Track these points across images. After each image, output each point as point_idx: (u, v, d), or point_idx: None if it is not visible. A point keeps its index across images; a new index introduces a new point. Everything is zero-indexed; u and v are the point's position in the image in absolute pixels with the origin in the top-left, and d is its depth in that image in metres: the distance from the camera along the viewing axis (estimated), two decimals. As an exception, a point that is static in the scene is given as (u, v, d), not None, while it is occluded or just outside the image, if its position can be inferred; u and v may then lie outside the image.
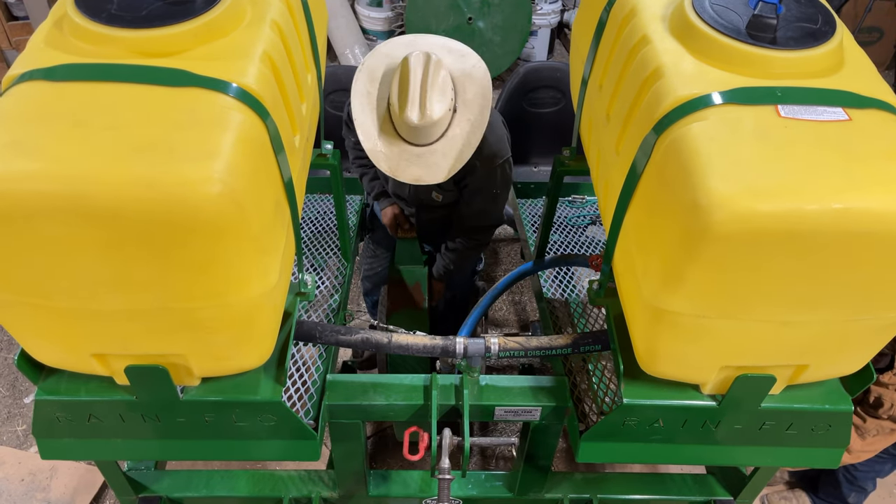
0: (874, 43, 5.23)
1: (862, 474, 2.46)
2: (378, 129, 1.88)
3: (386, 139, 1.88)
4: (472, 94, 1.90)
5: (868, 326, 1.25)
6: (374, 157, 1.88)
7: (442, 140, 1.88)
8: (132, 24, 1.15)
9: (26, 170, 0.98)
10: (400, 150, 1.87)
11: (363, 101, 1.90)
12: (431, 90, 1.79)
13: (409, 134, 1.84)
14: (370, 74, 1.92)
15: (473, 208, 2.19)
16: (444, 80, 1.83)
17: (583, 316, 2.08)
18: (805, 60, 1.21)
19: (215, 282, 1.14)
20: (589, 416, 1.71)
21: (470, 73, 1.92)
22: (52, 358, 1.35)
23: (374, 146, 1.88)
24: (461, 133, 1.88)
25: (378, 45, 1.99)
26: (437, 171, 1.87)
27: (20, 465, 2.74)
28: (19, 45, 4.40)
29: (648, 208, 1.22)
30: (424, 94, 1.78)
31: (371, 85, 1.91)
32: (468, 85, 1.91)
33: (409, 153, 1.87)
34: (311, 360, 1.80)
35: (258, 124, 1.13)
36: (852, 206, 1.01)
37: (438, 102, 1.80)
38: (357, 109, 1.89)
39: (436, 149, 1.87)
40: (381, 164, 1.88)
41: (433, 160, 1.87)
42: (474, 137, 1.88)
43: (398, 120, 1.82)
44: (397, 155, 1.87)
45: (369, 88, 1.90)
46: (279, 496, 2.02)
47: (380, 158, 1.88)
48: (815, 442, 1.56)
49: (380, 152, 1.88)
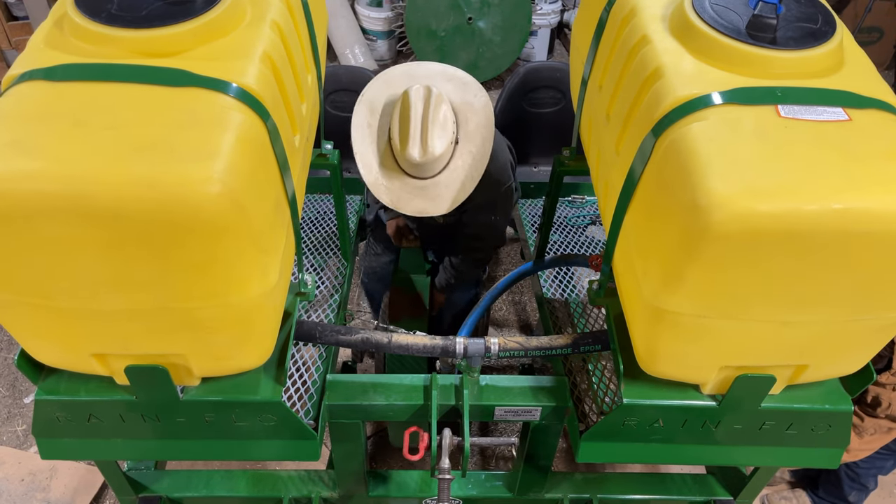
0: (874, 43, 5.23)
1: (863, 471, 2.46)
2: (379, 163, 1.88)
3: (387, 172, 1.87)
4: (474, 124, 1.89)
5: (868, 326, 1.25)
6: (376, 190, 1.87)
7: (444, 172, 1.87)
8: (132, 23, 1.15)
9: (26, 170, 0.98)
10: (402, 182, 1.87)
11: (363, 134, 1.89)
12: (433, 126, 1.78)
13: (411, 168, 1.84)
14: (370, 106, 1.92)
15: (473, 230, 2.22)
16: (444, 114, 1.82)
17: (583, 316, 2.09)
18: (805, 60, 1.21)
19: (215, 282, 1.14)
20: (589, 416, 1.71)
21: (471, 102, 1.91)
22: (52, 358, 1.35)
23: (376, 179, 1.87)
24: (463, 165, 1.87)
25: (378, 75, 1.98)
26: (441, 203, 1.87)
27: (20, 465, 2.74)
28: (19, 45, 4.40)
29: (648, 208, 1.22)
30: (426, 130, 1.77)
31: (371, 117, 1.90)
32: (470, 115, 1.90)
33: (412, 186, 1.87)
34: (311, 360, 1.80)
35: (258, 124, 1.13)
36: (852, 206, 1.01)
37: (439, 139, 1.79)
38: (357, 142, 1.88)
39: (438, 181, 1.87)
40: (382, 197, 1.88)
41: (436, 192, 1.86)
42: (476, 171, 1.87)
43: (399, 155, 1.82)
44: (399, 188, 1.87)
45: (370, 120, 1.90)
46: (279, 496, 2.02)
47: (381, 191, 1.87)
48: (815, 442, 1.56)
49: (381, 185, 1.87)
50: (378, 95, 1.93)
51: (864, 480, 2.50)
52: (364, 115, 1.90)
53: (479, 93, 1.93)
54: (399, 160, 1.85)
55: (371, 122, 1.89)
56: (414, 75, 1.94)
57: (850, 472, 2.49)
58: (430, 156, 1.78)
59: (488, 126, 1.90)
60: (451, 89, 1.91)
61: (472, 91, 1.93)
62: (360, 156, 1.87)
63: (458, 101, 1.90)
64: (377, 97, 1.92)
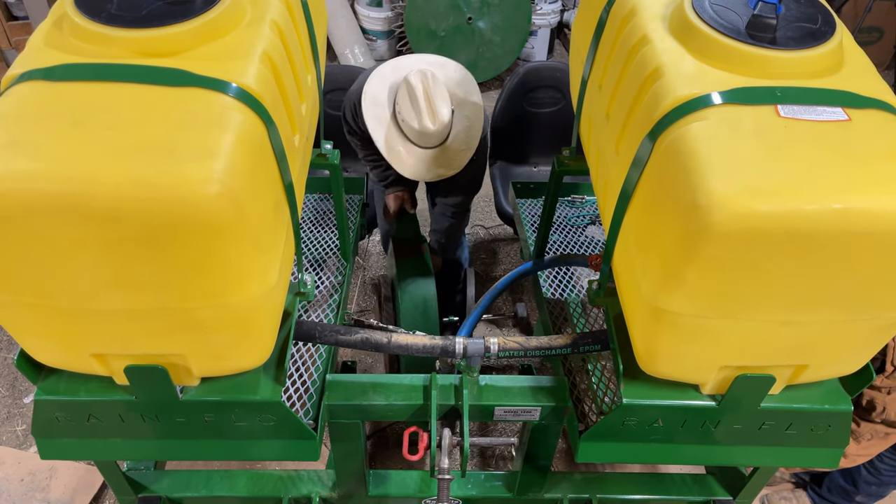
0: (874, 43, 5.23)
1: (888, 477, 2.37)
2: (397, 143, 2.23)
3: (405, 149, 2.23)
4: (462, 93, 2.27)
5: (868, 326, 1.25)
6: (401, 168, 2.24)
7: (449, 138, 2.24)
8: (132, 23, 1.15)
9: (26, 170, 0.98)
10: (417, 156, 2.24)
11: (376, 125, 2.22)
12: (436, 99, 2.14)
13: (425, 140, 2.19)
14: (374, 100, 2.23)
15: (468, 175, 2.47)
16: (442, 88, 2.17)
17: (582, 316, 2.09)
18: (805, 60, 1.21)
19: (214, 282, 1.13)
20: (588, 415, 1.71)
21: (452, 77, 2.27)
22: (52, 358, 1.35)
23: (399, 158, 2.23)
24: (463, 128, 2.25)
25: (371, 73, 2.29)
26: (453, 164, 2.26)
27: (20, 465, 2.73)
28: (19, 45, 4.40)
29: (648, 208, 1.22)
30: (431, 103, 2.13)
31: (378, 109, 2.23)
32: (455, 88, 2.26)
33: (427, 156, 2.24)
34: (310, 359, 1.80)
35: (258, 124, 1.13)
36: (852, 206, 1.01)
37: (444, 107, 2.15)
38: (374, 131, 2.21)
39: (447, 147, 2.24)
40: (405, 172, 2.25)
41: (447, 157, 2.24)
42: (475, 131, 2.25)
43: (414, 130, 2.16)
44: (416, 161, 2.24)
45: (377, 112, 2.23)
46: (278, 496, 2.02)
47: (405, 168, 2.25)
48: (814, 442, 1.56)
49: (405, 164, 2.24)
50: (377, 90, 2.25)
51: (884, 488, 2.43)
52: (372, 108, 2.21)
53: (456, 68, 2.31)
54: (411, 135, 2.20)
55: (378, 113, 2.22)
56: (401, 67, 2.28)
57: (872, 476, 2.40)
58: (441, 122, 2.13)
59: (475, 93, 2.28)
60: (435, 70, 2.24)
61: (450, 68, 2.30)
62: (379, 144, 2.22)
63: (443, 78, 2.23)
64: (377, 92, 2.24)
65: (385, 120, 2.22)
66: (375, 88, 2.25)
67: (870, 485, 2.45)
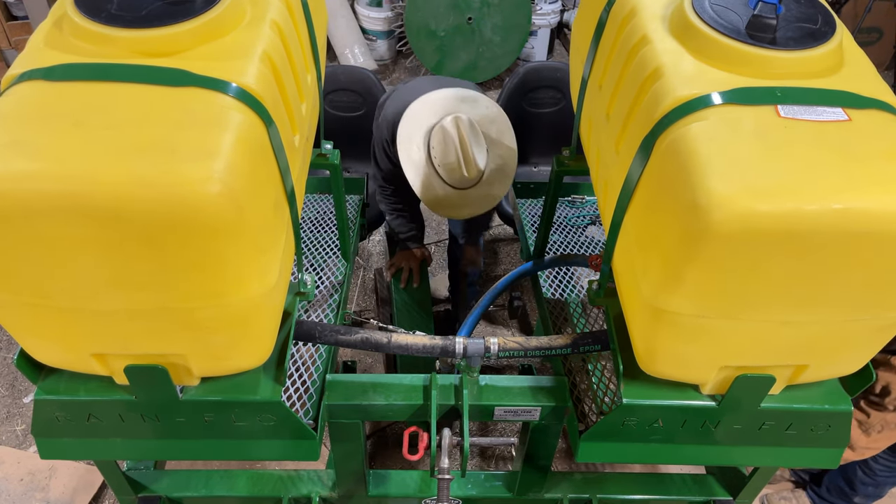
0: (874, 43, 5.23)
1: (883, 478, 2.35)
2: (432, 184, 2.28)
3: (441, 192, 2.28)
4: (496, 132, 2.31)
5: (868, 326, 1.25)
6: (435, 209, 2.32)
7: (483, 178, 2.27)
8: (132, 23, 1.15)
9: (25, 169, 0.98)
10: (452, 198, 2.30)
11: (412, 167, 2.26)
12: (473, 147, 2.19)
13: (461, 183, 2.26)
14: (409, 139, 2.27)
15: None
16: (477, 135, 2.22)
17: (582, 316, 2.09)
18: (805, 61, 1.21)
19: (215, 282, 1.13)
20: (588, 416, 1.71)
21: (485, 114, 2.31)
22: (52, 358, 1.35)
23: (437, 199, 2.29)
24: (496, 167, 2.29)
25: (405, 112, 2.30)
26: (486, 204, 2.33)
27: (19, 464, 2.74)
28: (19, 45, 4.40)
29: (648, 208, 1.23)
30: (467, 153, 2.18)
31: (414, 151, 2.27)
32: (488, 125, 2.30)
33: (461, 196, 2.29)
34: (310, 359, 1.80)
35: (258, 124, 1.13)
36: (852, 207, 1.01)
37: (479, 155, 2.21)
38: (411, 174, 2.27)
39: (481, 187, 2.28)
40: (441, 212, 2.34)
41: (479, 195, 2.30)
42: (508, 169, 2.31)
43: (452, 177, 2.23)
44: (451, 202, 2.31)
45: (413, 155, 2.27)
46: (278, 496, 2.02)
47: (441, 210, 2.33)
48: (814, 442, 1.56)
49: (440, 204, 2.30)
50: (412, 130, 2.28)
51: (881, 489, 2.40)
52: (407, 149, 2.27)
53: (489, 104, 2.34)
54: (449, 180, 2.25)
55: (414, 155, 2.27)
56: (434, 104, 2.30)
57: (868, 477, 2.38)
58: (477, 171, 2.22)
59: (508, 130, 2.32)
60: (468, 109, 2.28)
61: (483, 104, 2.33)
62: (415, 183, 2.27)
63: (476, 116, 2.27)
64: (413, 133, 2.28)
65: (420, 163, 2.26)
66: (411, 129, 2.28)
67: (866, 485, 2.43)
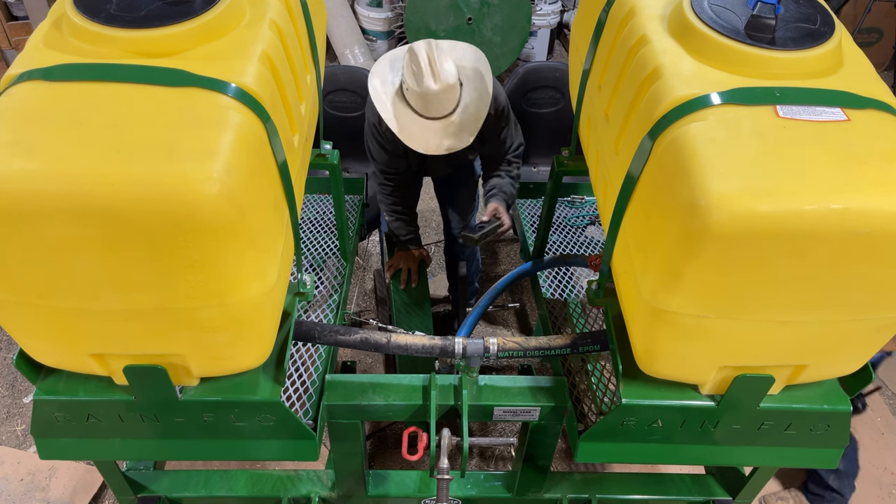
0: (873, 44, 5.23)
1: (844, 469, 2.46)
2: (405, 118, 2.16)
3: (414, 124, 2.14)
4: (471, 69, 2.21)
5: (867, 326, 1.25)
6: (409, 142, 2.16)
7: (457, 110, 2.15)
8: (131, 24, 1.16)
9: (25, 169, 0.98)
10: (425, 129, 2.15)
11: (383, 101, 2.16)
12: (440, 59, 2.05)
13: (430, 108, 2.09)
14: (381, 79, 2.20)
15: (506, 144, 2.44)
16: (446, 52, 2.09)
17: (582, 316, 2.09)
18: (804, 61, 1.21)
19: (214, 282, 1.13)
20: (588, 416, 1.71)
21: (463, 55, 2.24)
22: (51, 358, 1.35)
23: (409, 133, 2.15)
24: (471, 101, 2.17)
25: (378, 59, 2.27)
26: (463, 136, 2.17)
27: (19, 464, 2.73)
28: (19, 45, 4.41)
29: (647, 208, 1.23)
30: (434, 63, 2.04)
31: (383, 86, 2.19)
32: (465, 64, 2.21)
33: (435, 128, 2.14)
34: (310, 360, 1.80)
35: (257, 124, 1.13)
36: (851, 207, 1.02)
37: (447, 65, 2.05)
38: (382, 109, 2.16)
39: (454, 119, 2.15)
40: (414, 145, 2.16)
41: (455, 129, 2.16)
42: (483, 102, 2.17)
43: (418, 95, 2.07)
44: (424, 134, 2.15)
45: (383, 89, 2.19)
46: (278, 496, 2.02)
47: (415, 143, 2.16)
48: (813, 442, 1.56)
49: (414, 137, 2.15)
50: (383, 71, 2.21)
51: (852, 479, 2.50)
52: (378, 87, 2.18)
53: (466, 47, 2.27)
54: (417, 106, 2.12)
55: (385, 90, 2.17)
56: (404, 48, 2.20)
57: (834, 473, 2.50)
58: (444, 82, 2.03)
59: (482, 68, 2.23)
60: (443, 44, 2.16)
61: (460, 48, 2.26)
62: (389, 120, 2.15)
63: (453, 55, 2.17)
64: (384, 74, 2.21)
65: (391, 95, 2.16)
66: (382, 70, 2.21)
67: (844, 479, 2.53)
